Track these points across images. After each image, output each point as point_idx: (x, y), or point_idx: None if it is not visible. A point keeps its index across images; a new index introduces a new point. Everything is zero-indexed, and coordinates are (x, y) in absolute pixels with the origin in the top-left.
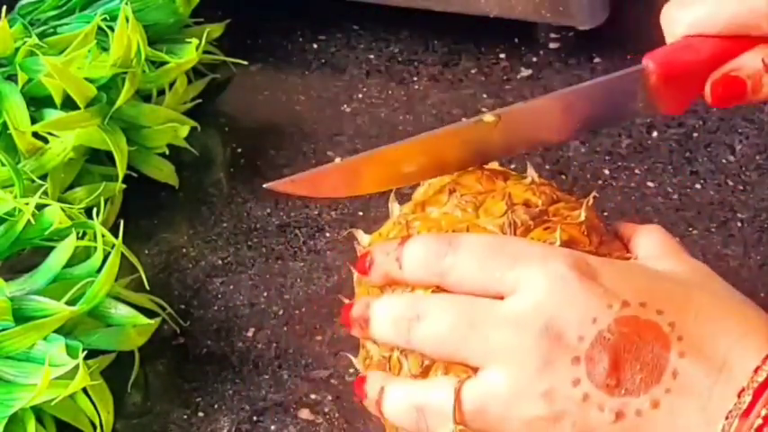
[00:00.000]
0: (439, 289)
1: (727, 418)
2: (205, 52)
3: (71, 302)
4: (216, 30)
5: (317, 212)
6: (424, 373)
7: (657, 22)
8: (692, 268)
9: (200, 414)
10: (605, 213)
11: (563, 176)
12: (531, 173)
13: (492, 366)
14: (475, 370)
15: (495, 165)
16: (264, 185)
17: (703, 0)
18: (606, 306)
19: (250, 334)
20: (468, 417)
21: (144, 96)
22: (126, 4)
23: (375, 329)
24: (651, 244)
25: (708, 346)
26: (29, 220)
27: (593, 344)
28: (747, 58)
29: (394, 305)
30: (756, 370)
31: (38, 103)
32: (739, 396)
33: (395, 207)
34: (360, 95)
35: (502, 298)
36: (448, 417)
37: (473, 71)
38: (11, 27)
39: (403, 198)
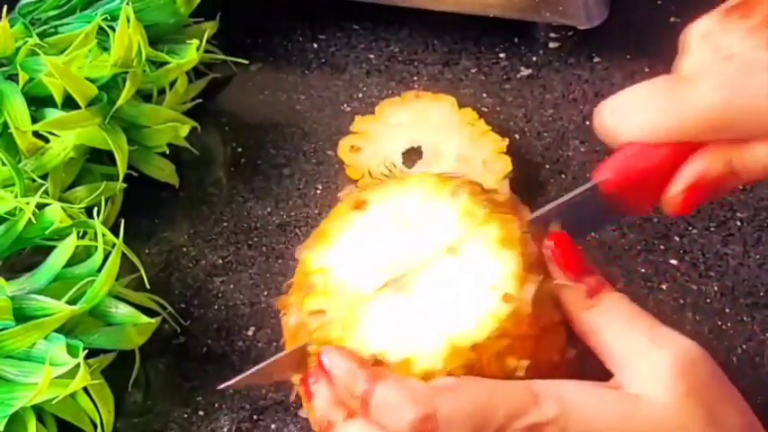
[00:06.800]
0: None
1: None
2: (205, 51)
3: (72, 302)
4: (211, 27)
5: (317, 211)
6: None
7: (657, 22)
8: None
9: (201, 413)
10: None
11: (563, 176)
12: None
13: None
14: None
15: None
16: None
17: (640, 110)
18: None
19: (250, 333)
20: None
21: (144, 96)
22: (127, 4)
23: None
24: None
25: None
26: (29, 220)
27: None
28: (706, 162)
29: None
30: None
31: (38, 102)
32: None
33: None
34: (360, 95)
35: None
36: None
37: (473, 71)
38: (11, 26)
39: None
